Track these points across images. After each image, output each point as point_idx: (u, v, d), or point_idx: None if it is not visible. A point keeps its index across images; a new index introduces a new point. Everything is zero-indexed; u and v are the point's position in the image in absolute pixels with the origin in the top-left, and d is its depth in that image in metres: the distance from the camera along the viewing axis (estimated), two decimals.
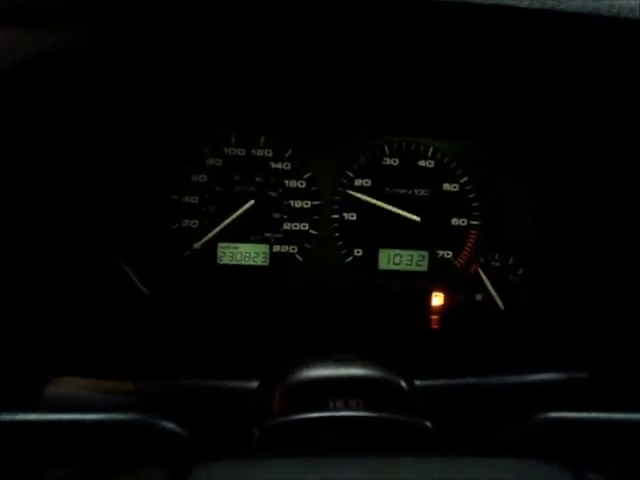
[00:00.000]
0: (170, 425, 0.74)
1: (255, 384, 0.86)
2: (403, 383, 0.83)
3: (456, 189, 1.31)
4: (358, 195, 1.30)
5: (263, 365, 0.90)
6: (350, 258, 1.32)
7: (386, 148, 1.30)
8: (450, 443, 0.76)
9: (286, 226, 1.30)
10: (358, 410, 0.77)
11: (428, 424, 0.77)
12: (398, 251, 1.32)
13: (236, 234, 1.29)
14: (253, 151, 1.28)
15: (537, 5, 0.81)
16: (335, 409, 0.78)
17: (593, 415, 0.78)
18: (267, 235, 1.30)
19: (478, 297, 1.33)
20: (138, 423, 0.75)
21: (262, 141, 1.28)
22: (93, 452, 0.74)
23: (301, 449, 0.67)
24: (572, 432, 0.78)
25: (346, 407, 0.78)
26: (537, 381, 0.93)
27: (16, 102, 0.89)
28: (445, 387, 0.89)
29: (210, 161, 1.28)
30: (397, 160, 1.30)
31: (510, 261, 1.32)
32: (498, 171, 1.30)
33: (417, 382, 0.87)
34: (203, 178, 1.28)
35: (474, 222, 1.32)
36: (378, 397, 0.80)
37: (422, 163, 1.31)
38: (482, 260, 1.32)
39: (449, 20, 0.83)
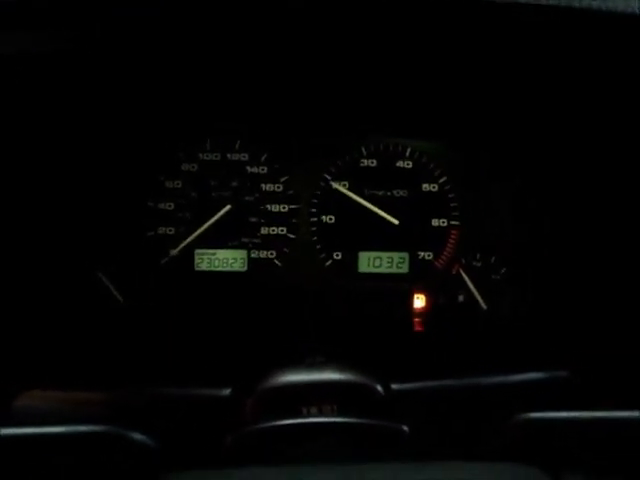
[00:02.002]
0: (140, 436, 0.73)
1: (227, 392, 0.84)
2: (379, 387, 0.81)
3: (435, 189, 1.30)
4: (340, 188, 1.28)
5: (236, 372, 0.88)
6: (329, 262, 1.30)
7: (363, 149, 1.29)
8: (428, 447, 0.75)
9: (264, 231, 1.29)
10: (332, 416, 0.76)
11: (405, 428, 0.75)
12: (378, 253, 1.31)
13: (213, 240, 1.28)
14: (228, 155, 1.27)
15: None
16: (308, 415, 0.76)
17: (572, 415, 0.77)
18: (245, 240, 1.28)
19: (460, 298, 1.31)
20: (108, 435, 0.73)
21: (237, 145, 1.26)
22: (62, 466, 0.72)
23: (274, 457, 0.66)
24: (551, 433, 0.76)
25: (320, 413, 0.76)
26: (517, 382, 0.92)
27: None
28: (423, 390, 0.88)
29: (185, 166, 1.26)
30: (375, 161, 1.29)
31: (492, 261, 1.31)
32: (477, 171, 1.29)
33: (394, 385, 0.85)
34: (178, 184, 1.26)
35: (454, 222, 1.31)
36: (353, 402, 0.79)
37: (400, 164, 1.29)
38: (463, 260, 1.31)
39: (429, 19, 0.82)
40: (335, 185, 1.29)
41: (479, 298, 1.30)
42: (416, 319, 1.29)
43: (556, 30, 0.83)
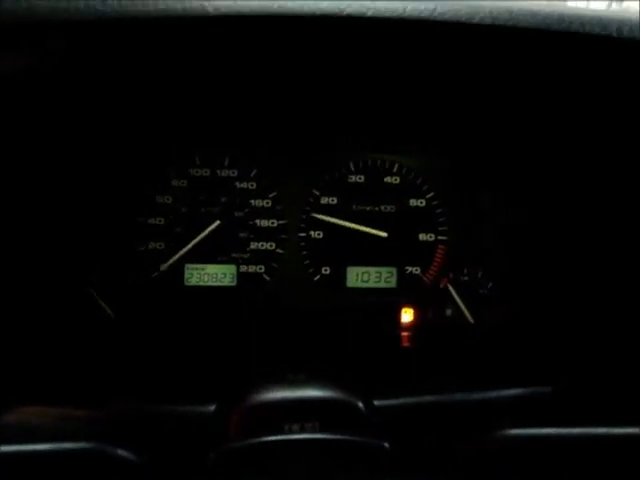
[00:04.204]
0: (125, 453, 0.73)
1: (212, 408, 0.85)
2: (360, 404, 0.82)
3: (423, 205, 1.31)
4: (322, 217, 1.29)
5: (221, 388, 0.89)
6: (318, 276, 1.31)
7: (352, 165, 1.30)
8: (408, 463, 0.76)
9: (253, 246, 1.30)
10: (314, 433, 0.77)
11: (386, 445, 0.76)
12: (366, 268, 1.32)
13: (203, 255, 1.29)
14: (218, 171, 1.28)
15: (488, 21, 0.82)
16: (290, 432, 0.77)
17: (553, 431, 0.78)
18: (234, 255, 1.30)
19: (448, 312, 1.33)
20: (92, 452, 0.74)
21: (227, 161, 1.28)
22: None
23: (257, 474, 0.67)
24: (531, 449, 0.77)
25: (302, 430, 0.77)
26: (499, 398, 0.92)
27: None
28: (405, 406, 0.88)
29: (175, 182, 1.27)
30: (363, 177, 1.30)
31: (479, 275, 1.32)
32: (464, 186, 1.30)
33: (377, 402, 0.86)
34: (168, 199, 1.27)
35: (441, 237, 1.32)
36: (335, 419, 0.79)
37: (388, 179, 1.31)
38: (451, 275, 1.33)
39: (415, 40, 0.83)
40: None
41: (466, 312, 1.31)
42: (404, 333, 1.30)
43: (534, 50, 0.85)
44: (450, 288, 1.32)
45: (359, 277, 1.32)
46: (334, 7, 0.79)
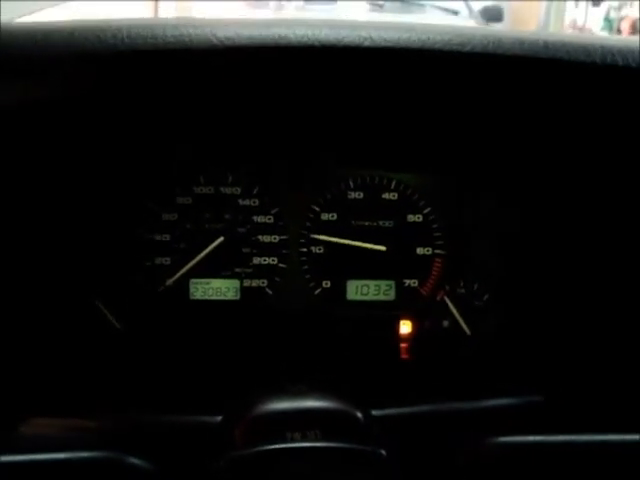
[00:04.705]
0: (137, 461, 0.77)
1: (219, 418, 0.89)
2: (359, 414, 0.86)
3: (420, 220, 1.35)
4: (322, 237, 1.33)
5: (228, 399, 0.93)
6: (319, 290, 1.35)
7: (351, 182, 1.34)
8: (404, 470, 0.80)
9: (256, 261, 1.34)
10: (315, 441, 0.81)
11: (383, 452, 0.80)
12: (365, 281, 1.36)
13: (208, 270, 1.33)
14: (222, 189, 1.32)
15: (478, 49, 0.87)
16: (293, 441, 0.81)
17: (544, 439, 0.82)
18: (237, 270, 1.33)
19: (445, 323, 1.36)
20: (106, 460, 0.78)
21: (230, 179, 1.31)
22: None
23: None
24: (522, 456, 0.81)
25: (303, 438, 0.81)
26: (493, 406, 0.96)
27: None
28: (401, 415, 0.93)
29: (180, 200, 1.31)
30: (362, 193, 1.34)
31: (475, 287, 1.36)
32: (460, 201, 1.34)
33: (375, 412, 0.90)
34: (174, 216, 1.31)
35: (438, 251, 1.36)
36: (335, 428, 0.84)
37: (386, 196, 1.35)
38: (448, 287, 1.36)
39: (409, 68, 0.88)
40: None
41: (463, 324, 1.35)
42: (402, 344, 1.34)
43: (523, 76, 0.89)
44: (447, 300, 1.36)
45: (359, 290, 1.36)
46: (333, 38, 0.84)
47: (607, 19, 8.44)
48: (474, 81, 0.91)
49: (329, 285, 1.36)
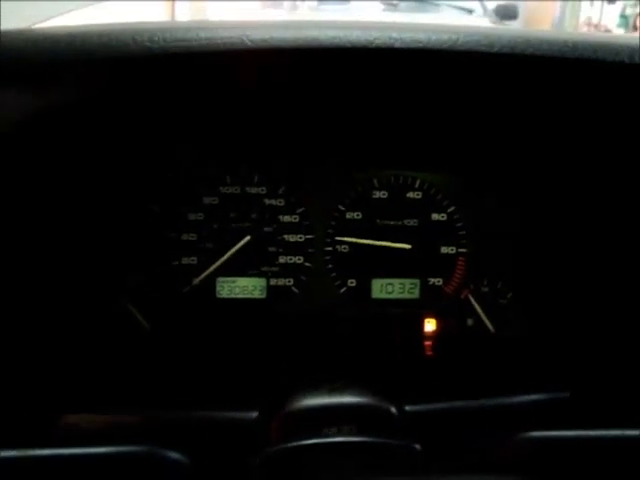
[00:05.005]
0: (174, 454, 0.79)
1: (254, 414, 0.90)
2: (393, 409, 0.87)
3: (444, 218, 1.36)
4: (347, 239, 1.35)
5: (262, 395, 0.94)
6: (344, 289, 1.36)
7: (375, 182, 1.35)
8: (437, 464, 0.81)
9: (282, 259, 1.35)
10: (350, 436, 0.82)
11: (417, 447, 0.82)
12: (390, 280, 1.37)
13: (234, 269, 1.34)
14: (248, 189, 1.33)
15: (506, 50, 0.88)
16: (329, 435, 0.82)
17: (573, 434, 0.83)
18: (264, 269, 1.35)
19: (469, 322, 1.37)
20: (144, 454, 0.79)
21: (256, 179, 1.33)
22: None
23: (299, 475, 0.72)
24: (553, 451, 0.82)
25: (339, 433, 0.83)
26: (522, 402, 0.97)
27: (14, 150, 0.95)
28: (434, 411, 0.94)
29: (207, 200, 1.33)
30: (386, 193, 1.35)
31: (499, 286, 1.37)
32: (483, 200, 1.35)
33: (407, 407, 0.91)
34: (200, 216, 1.33)
35: (462, 250, 1.37)
36: (370, 423, 0.85)
37: (410, 195, 1.36)
38: (472, 286, 1.37)
39: (438, 68, 0.89)
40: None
41: (487, 322, 1.36)
42: (427, 342, 1.35)
43: (550, 76, 0.90)
44: (471, 298, 1.36)
45: (384, 288, 1.37)
46: (364, 39, 0.85)
47: (623, 16, 8.39)
48: (502, 81, 0.92)
49: (354, 284, 1.37)
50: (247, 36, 0.84)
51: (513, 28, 0.97)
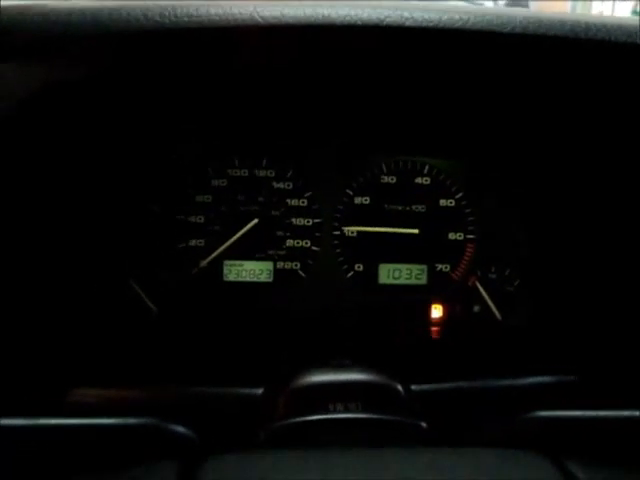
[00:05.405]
0: (181, 428, 0.79)
1: (260, 390, 0.91)
2: (399, 387, 0.87)
3: (452, 204, 1.36)
4: (354, 229, 1.35)
5: (268, 373, 0.95)
6: (351, 273, 1.36)
7: (384, 167, 1.35)
8: (442, 440, 0.81)
9: (289, 243, 1.35)
10: (357, 412, 0.82)
11: (423, 424, 0.82)
12: (397, 265, 1.37)
13: (241, 252, 1.34)
14: (256, 172, 1.33)
15: (518, 30, 0.87)
16: (335, 412, 0.82)
17: (579, 413, 0.83)
18: (271, 252, 1.35)
19: (476, 308, 1.37)
20: (150, 426, 0.80)
21: (264, 162, 1.33)
22: (108, 454, 0.79)
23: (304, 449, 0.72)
24: (558, 429, 0.82)
25: (345, 410, 0.83)
26: (527, 384, 0.97)
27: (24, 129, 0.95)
28: (440, 391, 0.94)
29: (215, 182, 1.33)
30: (394, 178, 1.35)
31: (506, 273, 1.36)
32: (492, 186, 1.35)
33: (414, 386, 0.91)
34: (208, 198, 1.33)
35: (470, 236, 1.36)
36: (376, 400, 0.85)
37: (419, 180, 1.35)
38: (479, 273, 1.37)
39: (449, 48, 0.89)
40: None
41: (494, 309, 1.35)
42: (433, 328, 1.35)
43: (563, 57, 0.89)
44: (478, 285, 1.36)
45: (391, 274, 1.37)
46: (375, 17, 0.84)
47: (635, 11, 8.34)
48: (513, 62, 0.91)
49: (361, 269, 1.37)
50: (258, 12, 0.84)
51: (524, 10, 0.97)
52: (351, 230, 1.35)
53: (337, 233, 1.35)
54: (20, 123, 0.94)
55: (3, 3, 0.84)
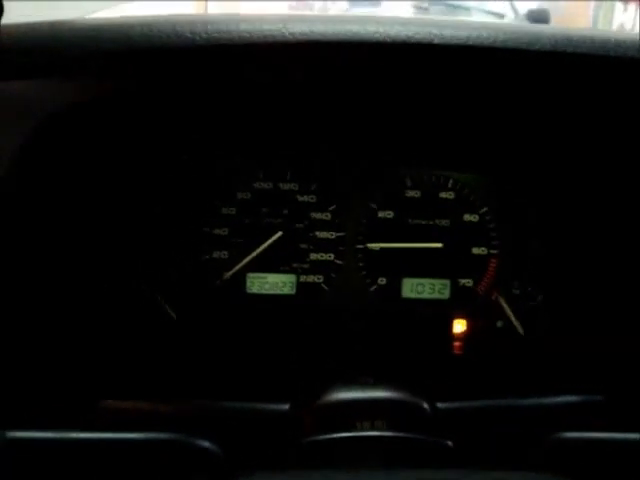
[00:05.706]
0: (206, 444, 0.80)
1: (286, 406, 0.91)
2: (425, 405, 0.87)
3: (476, 219, 1.35)
4: (375, 245, 1.35)
5: (292, 387, 0.95)
6: (374, 287, 1.36)
7: (408, 181, 1.35)
8: (469, 460, 0.81)
9: (312, 256, 1.35)
10: (383, 430, 0.82)
11: (449, 443, 0.81)
12: (421, 280, 1.36)
13: (265, 264, 1.34)
14: (280, 185, 1.33)
15: (548, 48, 0.87)
16: (362, 429, 0.82)
17: (606, 435, 0.82)
18: (294, 265, 1.35)
19: (499, 323, 1.36)
20: (176, 441, 0.80)
21: (289, 175, 1.33)
22: (134, 469, 0.80)
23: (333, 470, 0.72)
24: (584, 451, 0.82)
25: (372, 428, 0.83)
26: (554, 404, 0.97)
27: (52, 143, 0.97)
28: (465, 409, 0.94)
29: (239, 195, 1.33)
30: (419, 192, 1.35)
31: (529, 288, 1.35)
32: (516, 202, 1.34)
33: (439, 404, 0.91)
34: (232, 211, 1.33)
35: (493, 251, 1.36)
36: (403, 418, 0.85)
37: (443, 195, 1.35)
38: (502, 288, 1.36)
39: (477, 65, 0.89)
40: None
41: (517, 324, 1.34)
42: (456, 343, 1.35)
43: (591, 74, 0.89)
44: (501, 300, 1.35)
45: (414, 288, 1.36)
46: (404, 34, 0.85)
47: None
48: (542, 78, 0.91)
49: (385, 282, 1.36)
50: (287, 29, 0.85)
51: (551, 26, 0.97)
52: (375, 246, 1.35)
53: (361, 247, 1.35)
54: (47, 138, 0.95)
55: (33, 20, 0.86)
